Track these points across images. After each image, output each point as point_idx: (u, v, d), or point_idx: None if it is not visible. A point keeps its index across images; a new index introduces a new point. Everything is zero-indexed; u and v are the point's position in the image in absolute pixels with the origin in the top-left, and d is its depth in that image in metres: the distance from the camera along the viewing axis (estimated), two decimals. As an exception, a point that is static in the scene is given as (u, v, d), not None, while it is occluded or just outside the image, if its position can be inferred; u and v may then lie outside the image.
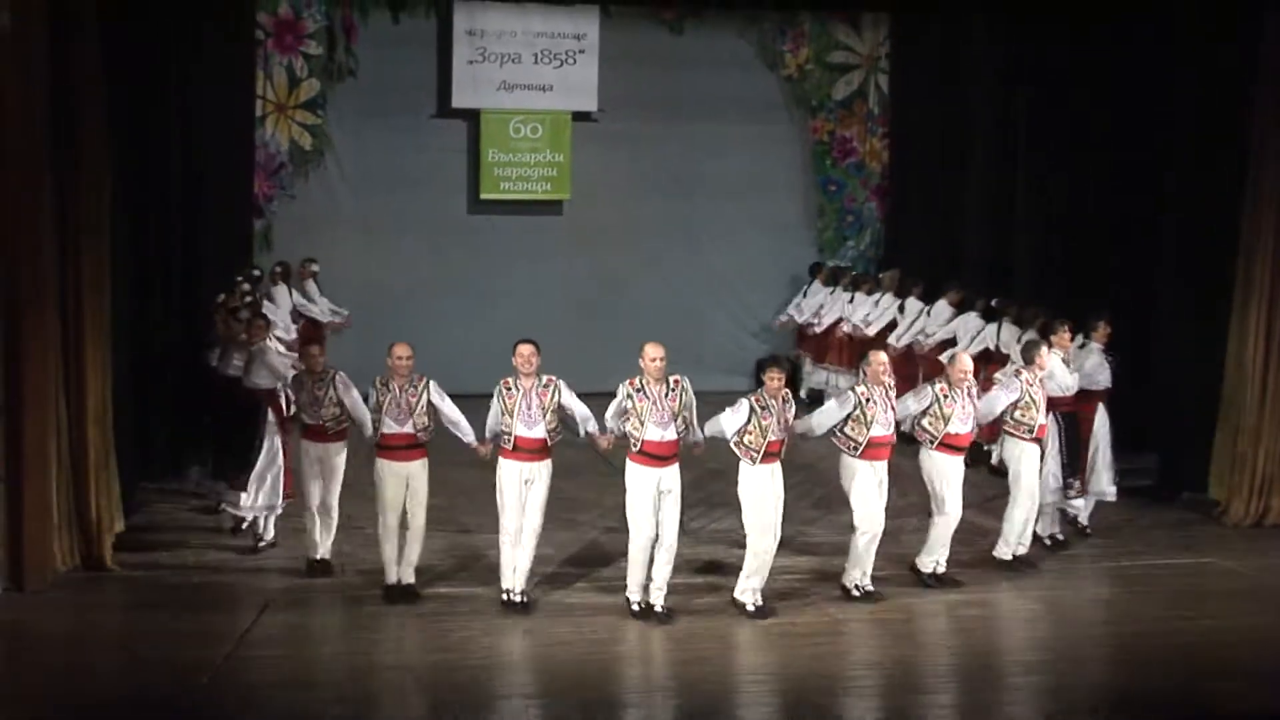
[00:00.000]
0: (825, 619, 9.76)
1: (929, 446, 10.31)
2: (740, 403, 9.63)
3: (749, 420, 9.57)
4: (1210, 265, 12.60)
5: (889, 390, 10.06)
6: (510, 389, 9.63)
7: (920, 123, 16.96)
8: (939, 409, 10.24)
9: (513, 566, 9.75)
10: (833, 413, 10.05)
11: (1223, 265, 12.33)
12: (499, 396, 9.65)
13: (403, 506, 9.91)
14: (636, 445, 9.51)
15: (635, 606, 9.69)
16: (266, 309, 13.15)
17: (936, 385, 10.35)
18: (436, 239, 16.93)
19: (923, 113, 16.91)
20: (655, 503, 9.51)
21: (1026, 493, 10.74)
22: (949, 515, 10.35)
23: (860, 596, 10.08)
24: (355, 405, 10.12)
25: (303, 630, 9.48)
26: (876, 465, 10.00)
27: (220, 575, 10.44)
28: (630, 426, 9.51)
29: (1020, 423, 10.73)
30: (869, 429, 9.88)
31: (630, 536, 9.62)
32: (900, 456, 10.46)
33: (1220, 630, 9.69)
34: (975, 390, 10.45)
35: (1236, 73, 12.26)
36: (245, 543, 11.00)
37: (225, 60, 14.93)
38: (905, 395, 10.44)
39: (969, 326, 14.08)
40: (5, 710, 8.05)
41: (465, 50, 16.72)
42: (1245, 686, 8.75)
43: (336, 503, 10.42)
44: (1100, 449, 11.66)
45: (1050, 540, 11.37)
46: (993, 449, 12.03)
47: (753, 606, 9.73)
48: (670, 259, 17.46)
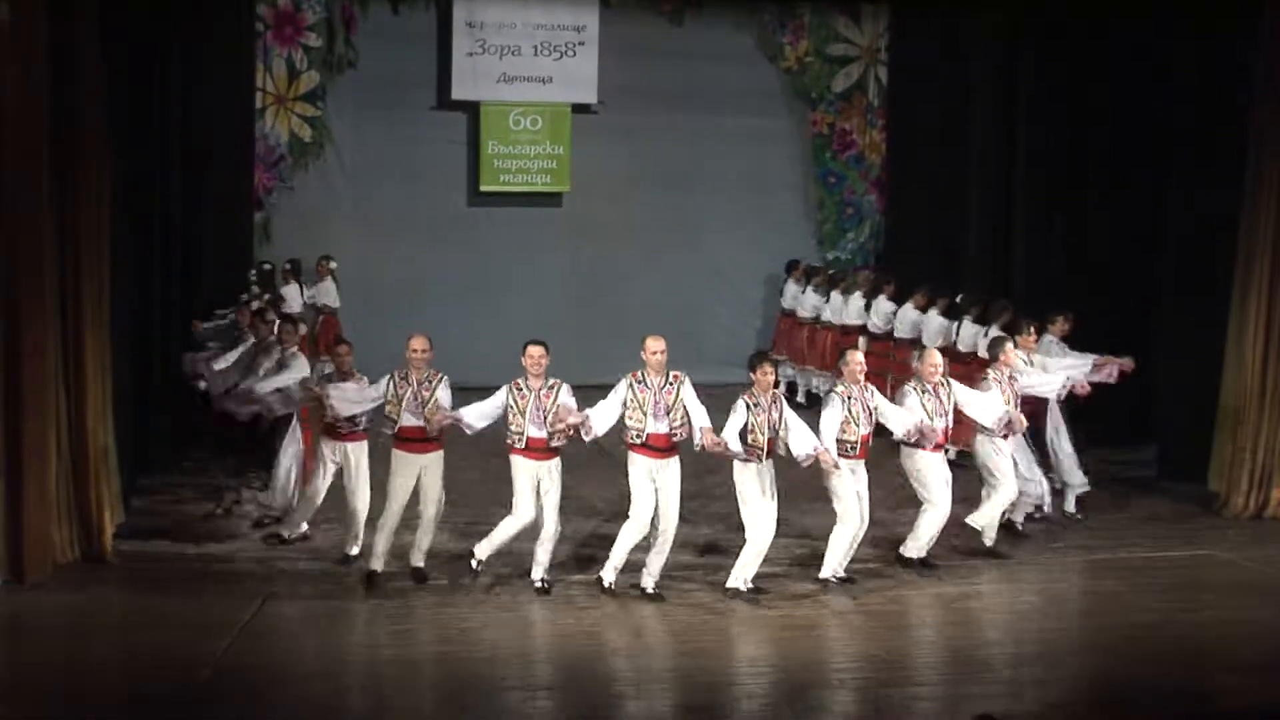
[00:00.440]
0: (824, 610, 9.79)
1: (910, 447, 10.33)
2: (736, 406, 9.72)
3: (749, 420, 9.64)
4: (1210, 259, 12.62)
5: (866, 388, 10.13)
6: (521, 390, 9.75)
7: (920, 115, 16.95)
8: (923, 411, 10.24)
9: (506, 535, 9.90)
10: (831, 421, 10.00)
11: (1223, 258, 12.34)
12: (511, 398, 9.75)
13: (409, 497, 10.00)
14: (637, 437, 9.67)
15: (606, 585, 9.87)
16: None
17: (913, 388, 10.35)
18: (436, 231, 16.93)
19: (923, 105, 16.90)
20: (652, 491, 9.67)
21: (1007, 482, 10.69)
22: (938, 508, 10.39)
23: (838, 583, 10.14)
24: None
25: (304, 621, 9.50)
26: (855, 464, 10.05)
27: (222, 566, 10.45)
28: (631, 419, 9.65)
29: None
30: (858, 428, 9.95)
31: (628, 519, 9.79)
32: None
33: (1219, 622, 9.70)
34: (950, 383, 10.43)
35: (1237, 71, 12.26)
36: (268, 533, 10.96)
37: (225, 53, 14.95)
38: (890, 409, 10.29)
39: (933, 329, 14.01)
40: (6, 702, 8.05)
41: (465, 42, 16.71)
42: (1244, 678, 8.74)
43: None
44: (1057, 440, 11.66)
45: (1009, 523, 11.30)
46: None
47: (744, 587, 9.87)
48: (670, 251, 17.46)
